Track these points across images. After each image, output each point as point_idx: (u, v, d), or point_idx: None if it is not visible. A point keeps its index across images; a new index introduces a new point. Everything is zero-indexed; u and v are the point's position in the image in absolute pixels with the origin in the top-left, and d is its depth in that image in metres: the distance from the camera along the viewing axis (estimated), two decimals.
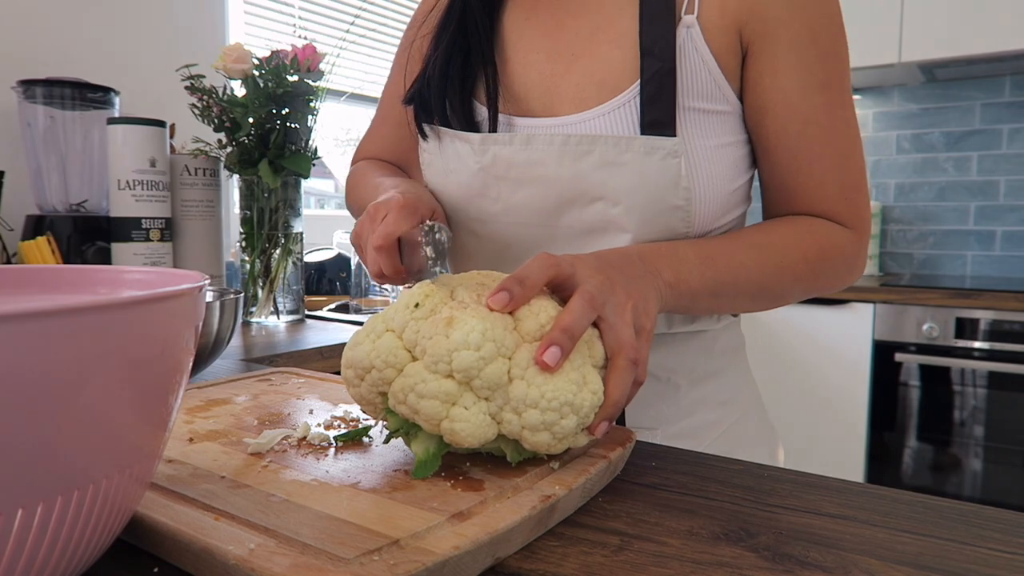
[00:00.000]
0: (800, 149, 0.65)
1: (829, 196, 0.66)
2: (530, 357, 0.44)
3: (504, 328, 0.45)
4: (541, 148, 0.65)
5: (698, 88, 0.64)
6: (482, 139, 0.67)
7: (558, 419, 0.43)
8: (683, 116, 0.63)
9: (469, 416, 0.43)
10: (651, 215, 0.63)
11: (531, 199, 0.66)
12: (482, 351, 0.43)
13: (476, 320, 0.43)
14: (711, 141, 0.64)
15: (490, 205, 0.68)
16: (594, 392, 0.45)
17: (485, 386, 0.43)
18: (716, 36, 0.63)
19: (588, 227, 0.66)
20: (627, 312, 0.50)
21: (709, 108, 0.64)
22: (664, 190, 0.62)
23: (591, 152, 0.63)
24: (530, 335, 0.46)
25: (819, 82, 0.64)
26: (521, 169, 0.66)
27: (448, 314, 0.44)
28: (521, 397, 0.43)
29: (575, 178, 0.64)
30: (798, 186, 0.67)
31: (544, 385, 0.43)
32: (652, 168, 0.62)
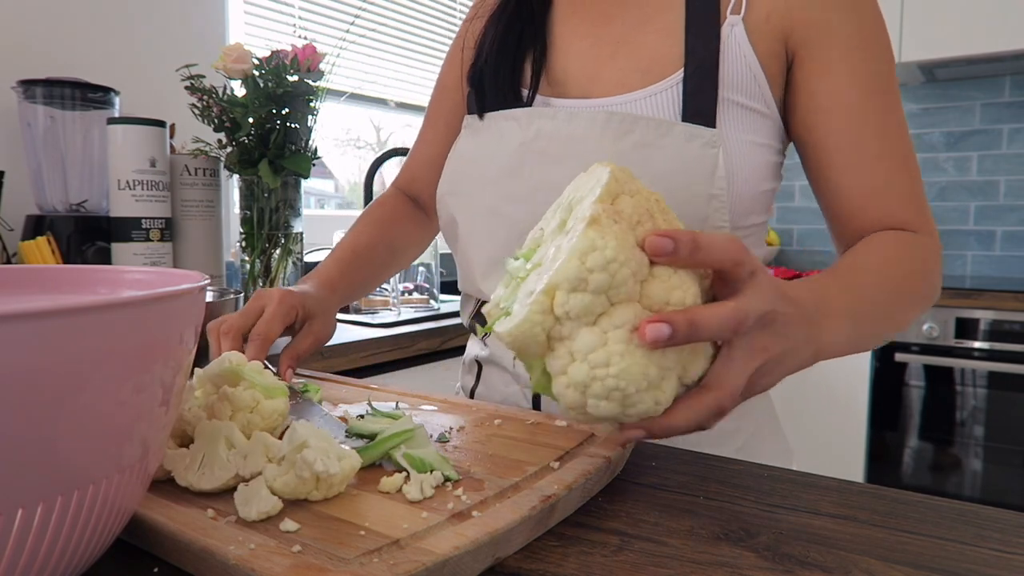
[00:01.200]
0: (863, 149, 0.64)
1: (900, 199, 0.65)
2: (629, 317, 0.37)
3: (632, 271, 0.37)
4: (583, 124, 0.66)
5: (739, 83, 0.65)
6: (529, 113, 0.69)
7: (601, 395, 0.37)
8: (723, 108, 0.64)
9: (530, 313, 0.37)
10: (686, 201, 0.63)
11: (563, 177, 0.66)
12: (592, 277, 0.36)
13: (612, 241, 0.37)
14: (748, 137, 0.65)
15: (522, 184, 0.69)
16: (657, 402, 0.39)
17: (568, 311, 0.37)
18: (760, 39, 0.65)
19: None
20: (756, 360, 0.43)
21: (748, 104, 0.65)
22: (701, 177, 0.63)
23: (632, 132, 0.63)
24: (649, 298, 0.38)
25: (873, 85, 0.65)
26: (561, 144, 0.66)
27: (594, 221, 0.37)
28: (586, 347, 0.37)
29: (613, 157, 0.63)
30: (865, 189, 0.65)
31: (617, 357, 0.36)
32: (691, 155, 0.62)
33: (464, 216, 0.75)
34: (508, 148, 0.70)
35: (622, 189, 0.41)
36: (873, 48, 0.65)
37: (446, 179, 0.76)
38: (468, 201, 0.74)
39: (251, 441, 0.44)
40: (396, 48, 2.19)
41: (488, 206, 0.72)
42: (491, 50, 0.74)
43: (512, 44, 0.74)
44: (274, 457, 0.43)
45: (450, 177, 0.76)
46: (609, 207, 0.39)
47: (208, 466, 0.42)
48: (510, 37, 0.74)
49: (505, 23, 0.75)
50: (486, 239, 0.73)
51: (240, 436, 0.44)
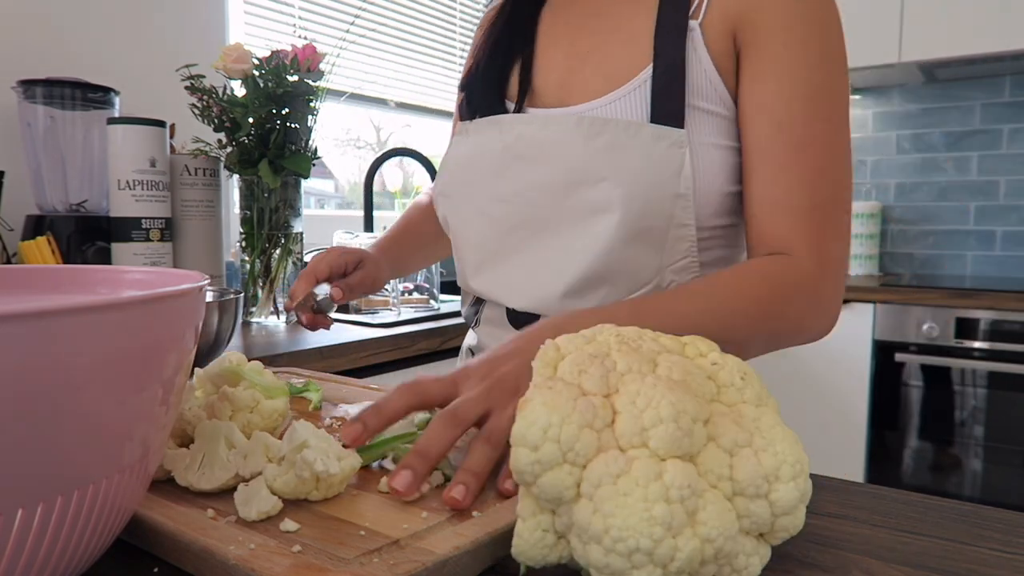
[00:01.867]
0: (771, 155, 0.64)
1: (795, 211, 0.63)
2: (607, 469, 0.32)
3: (581, 424, 0.33)
4: (557, 127, 0.68)
5: (699, 88, 0.66)
6: (511, 119, 0.73)
7: (627, 568, 0.31)
8: (688, 113, 0.65)
9: (523, 529, 0.35)
10: (652, 200, 0.64)
11: (542, 177, 0.69)
12: (540, 452, 0.33)
13: (543, 408, 0.34)
14: (711, 139, 0.66)
15: (506, 185, 0.72)
16: (706, 539, 0.31)
17: (545, 497, 0.33)
18: (716, 40, 0.65)
19: (590, 208, 0.66)
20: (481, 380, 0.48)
21: (709, 108, 0.66)
22: (667, 177, 0.64)
23: (602, 134, 0.66)
24: (624, 438, 0.33)
25: (801, 92, 0.63)
26: (538, 147, 0.69)
27: (529, 392, 0.35)
28: (584, 524, 0.32)
29: (584, 158, 0.66)
30: (765, 196, 0.65)
31: (613, 515, 0.31)
32: (658, 154, 0.64)
33: (454, 217, 0.78)
34: (493, 152, 0.73)
35: (561, 356, 0.39)
36: (811, 56, 0.64)
37: (439, 181, 0.80)
38: (458, 202, 0.77)
39: (251, 441, 0.44)
40: (396, 48, 2.19)
41: (476, 207, 0.75)
42: (481, 60, 0.78)
43: (500, 55, 0.77)
44: (274, 457, 0.43)
45: (443, 179, 0.79)
46: (543, 380, 0.36)
47: (208, 466, 0.42)
48: (499, 48, 0.77)
49: (495, 34, 0.79)
50: (474, 238, 0.76)
51: (240, 436, 0.44)
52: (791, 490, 0.33)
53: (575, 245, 0.68)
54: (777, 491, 0.33)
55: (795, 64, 0.64)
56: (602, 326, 0.41)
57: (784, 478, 0.33)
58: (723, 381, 0.37)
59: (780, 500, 0.33)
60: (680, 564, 0.31)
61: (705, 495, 0.32)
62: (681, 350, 0.39)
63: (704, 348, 0.40)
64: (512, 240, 0.72)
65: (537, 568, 0.35)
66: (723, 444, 0.34)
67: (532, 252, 0.71)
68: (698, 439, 0.33)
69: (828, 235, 0.64)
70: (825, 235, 0.64)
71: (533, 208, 0.70)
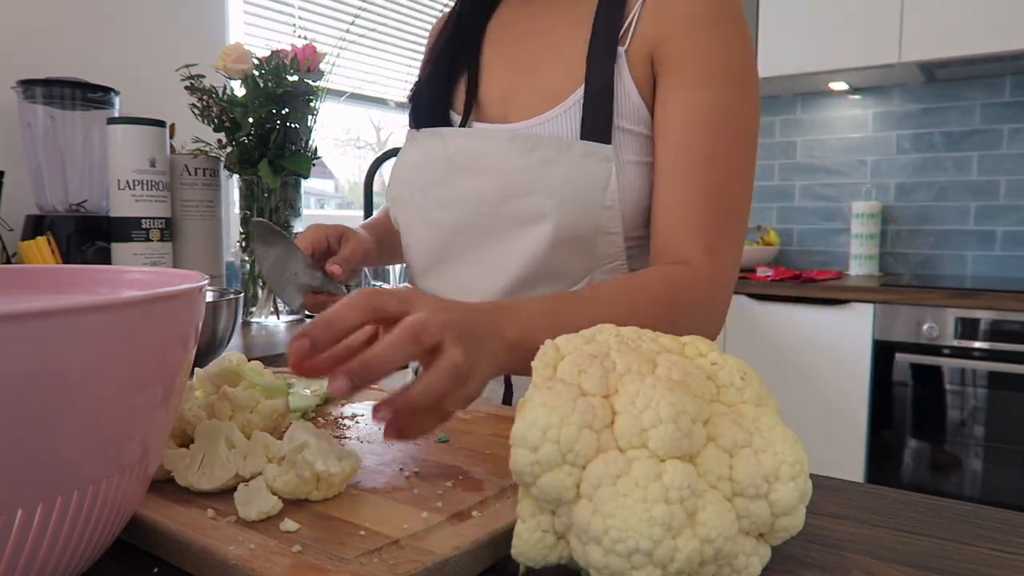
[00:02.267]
0: (675, 174, 0.68)
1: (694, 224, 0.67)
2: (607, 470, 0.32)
3: (581, 425, 0.33)
4: (494, 143, 0.73)
5: (625, 110, 0.71)
6: (453, 132, 0.77)
7: (626, 568, 0.31)
8: (615, 132, 0.70)
9: (522, 530, 0.35)
10: (582, 211, 0.69)
11: (480, 188, 0.73)
12: (539, 453, 0.33)
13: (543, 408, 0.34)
14: (635, 157, 0.71)
15: (448, 192, 0.76)
16: (705, 540, 0.31)
17: (544, 498, 0.33)
18: (637, 65, 0.71)
19: (524, 218, 0.71)
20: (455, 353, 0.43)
21: (632, 129, 0.71)
22: (595, 190, 0.69)
23: (535, 150, 0.71)
24: (624, 439, 0.33)
25: (704, 118, 0.68)
26: (477, 160, 0.74)
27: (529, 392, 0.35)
28: (583, 525, 0.32)
29: (519, 171, 0.71)
30: (667, 210, 0.69)
31: (612, 516, 0.31)
32: (587, 169, 0.69)
33: (402, 220, 0.82)
34: (436, 162, 0.77)
35: (560, 356, 0.38)
36: (716, 81, 0.68)
37: (391, 185, 0.84)
38: (405, 206, 0.81)
39: (251, 441, 0.44)
40: (396, 48, 2.19)
41: (420, 213, 0.79)
42: (429, 74, 0.83)
43: (445, 68, 0.81)
44: (274, 457, 0.43)
45: (393, 185, 0.83)
46: (542, 380, 0.36)
47: (208, 466, 0.42)
48: (443, 61, 0.82)
49: (441, 47, 0.83)
50: (419, 242, 0.80)
51: (240, 436, 0.44)
52: (791, 490, 0.33)
53: (511, 250, 0.72)
54: (777, 491, 0.33)
55: (701, 92, 0.68)
56: (602, 326, 0.41)
57: (784, 478, 0.33)
58: (723, 381, 0.37)
59: (780, 500, 0.33)
60: (680, 565, 0.31)
61: (705, 495, 0.32)
62: (681, 350, 0.39)
63: (704, 348, 0.40)
64: (455, 244, 0.76)
65: (537, 568, 0.35)
66: (723, 444, 0.34)
67: (473, 256, 0.76)
68: (698, 439, 0.33)
69: (722, 247, 0.68)
70: (719, 247, 0.68)
71: (473, 216, 0.74)
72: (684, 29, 0.69)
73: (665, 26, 0.69)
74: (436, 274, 0.79)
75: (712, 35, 0.69)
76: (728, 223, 0.69)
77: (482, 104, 0.79)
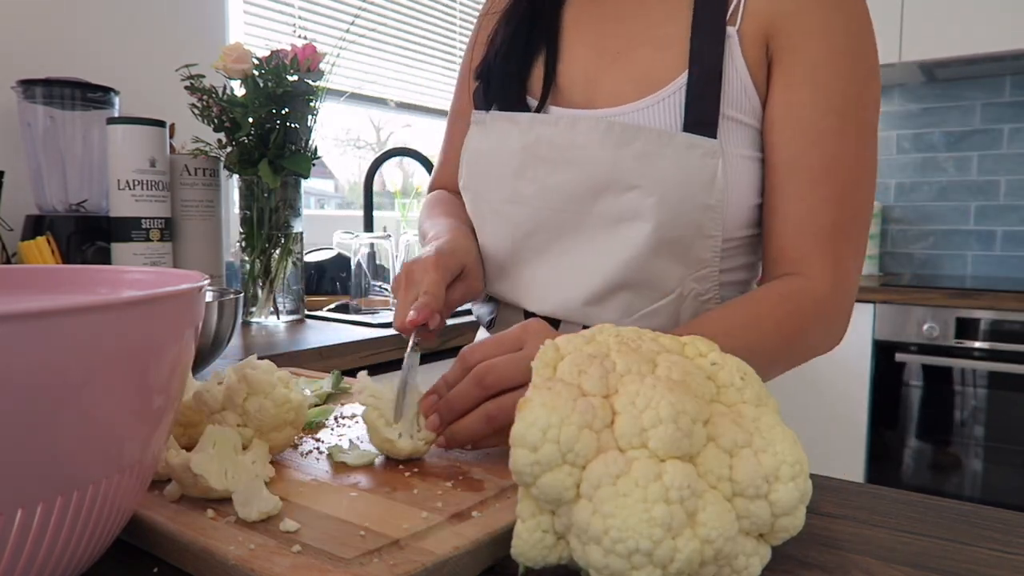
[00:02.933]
0: (800, 170, 0.63)
1: (817, 232, 0.63)
2: (607, 470, 0.32)
3: (581, 425, 0.33)
4: (585, 132, 0.66)
5: (734, 98, 0.64)
6: (530, 119, 0.69)
7: (626, 568, 0.31)
8: (721, 123, 0.64)
9: (522, 530, 0.35)
10: (683, 210, 0.63)
11: (567, 182, 0.67)
12: (539, 453, 0.33)
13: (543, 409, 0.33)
14: (742, 151, 0.65)
15: (526, 186, 0.69)
16: (705, 540, 0.31)
17: (544, 498, 0.33)
18: (751, 47, 0.64)
19: (617, 216, 0.65)
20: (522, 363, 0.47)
21: (741, 119, 0.65)
22: (700, 188, 0.63)
23: (634, 141, 0.64)
24: (624, 439, 0.33)
25: (833, 106, 0.62)
26: (562, 151, 0.67)
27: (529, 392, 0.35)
28: (583, 525, 0.32)
29: (614, 164, 0.64)
30: (789, 214, 0.64)
31: (612, 516, 0.31)
32: (691, 164, 0.63)
33: (475, 214, 0.76)
34: (510, 150, 0.70)
35: (560, 356, 0.39)
36: (845, 65, 0.62)
37: (462, 174, 0.77)
38: (477, 198, 0.75)
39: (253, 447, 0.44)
40: (396, 48, 2.19)
41: (493, 207, 0.73)
42: (500, 50, 0.75)
43: (520, 45, 0.74)
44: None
45: (464, 172, 0.76)
46: (542, 381, 0.36)
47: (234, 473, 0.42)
48: (519, 38, 0.74)
49: (516, 23, 0.75)
50: (491, 238, 0.74)
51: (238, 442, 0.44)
52: (791, 490, 0.33)
53: (601, 252, 0.66)
54: (777, 491, 0.33)
55: (829, 74, 0.62)
56: (602, 326, 0.41)
57: (784, 478, 0.33)
58: (723, 381, 0.37)
59: (780, 500, 0.33)
60: (680, 565, 0.31)
61: (705, 496, 0.32)
62: (680, 350, 0.39)
63: (704, 348, 0.40)
64: (532, 243, 0.70)
65: (537, 568, 0.35)
66: (723, 444, 0.34)
67: (554, 257, 0.69)
68: (698, 439, 0.33)
69: (847, 255, 0.64)
70: (844, 255, 0.63)
71: (554, 212, 0.68)
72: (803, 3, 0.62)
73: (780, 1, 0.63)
74: (508, 278, 0.73)
75: (834, 8, 0.62)
76: (854, 228, 0.63)
77: (561, 88, 0.72)
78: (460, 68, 0.88)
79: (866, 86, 0.63)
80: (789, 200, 0.64)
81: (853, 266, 0.64)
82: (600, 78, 0.70)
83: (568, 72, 0.72)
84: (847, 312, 0.66)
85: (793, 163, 0.63)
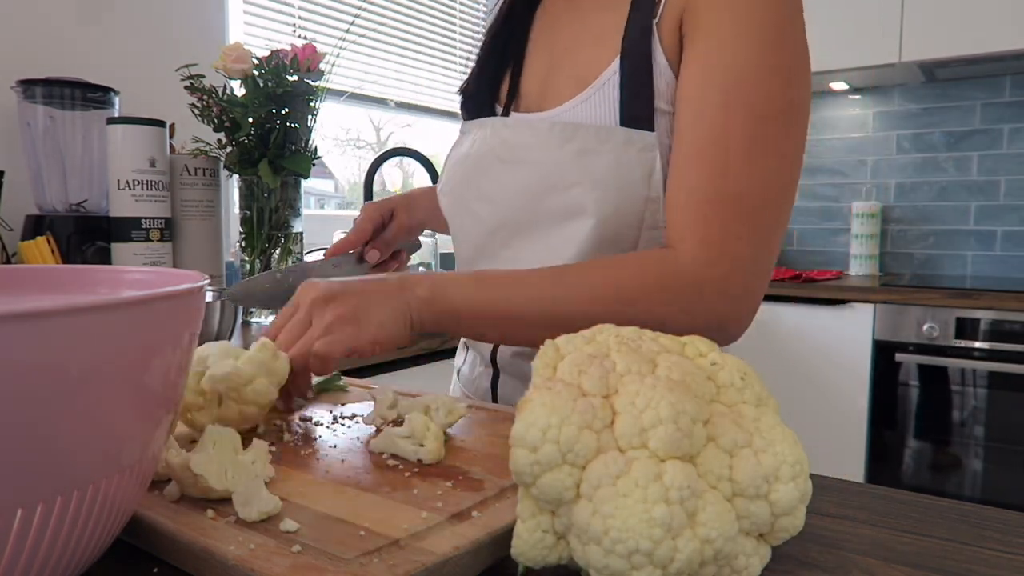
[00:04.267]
0: (684, 144, 0.62)
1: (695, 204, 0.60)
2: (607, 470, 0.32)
3: (581, 425, 0.33)
4: (532, 133, 0.70)
5: (663, 90, 0.64)
6: (494, 122, 0.75)
7: (626, 569, 0.31)
8: (656, 117, 0.65)
9: (522, 530, 0.35)
10: (624, 204, 0.65)
11: (519, 181, 0.70)
12: (539, 453, 0.33)
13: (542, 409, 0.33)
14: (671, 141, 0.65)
15: (491, 186, 0.74)
16: (705, 540, 0.31)
17: (544, 498, 0.33)
18: (668, 34, 0.64)
19: (563, 212, 0.67)
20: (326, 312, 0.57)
21: (669, 110, 0.65)
22: (639, 181, 0.65)
23: (573, 139, 0.66)
24: (624, 439, 0.33)
25: (723, 82, 0.60)
26: (515, 151, 0.71)
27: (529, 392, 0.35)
28: (583, 525, 0.32)
29: (557, 163, 0.67)
30: (672, 185, 0.63)
31: (612, 516, 0.31)
32: (630, 159, 0.64)
33: (448, 214, 0.81)
34: (480, 154, 0.75)
35: (560, 356, 0.38)
36: (750, 45, 0.60)
37: (441, 179, 0.82)
38: (453, 199, 0.79)
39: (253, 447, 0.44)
40: (396, 48, 2.19)
41: (465, 205, 0.77)
42: (477, 66, 0.81)
43: (494, 61, 0.79)
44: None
45: (444, 177, 0.82)
46: (542, 381, 0.36)
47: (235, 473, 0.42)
48: (493, 55, 0.80)
49: (491, 40, 0.81)
50: (464, 235, 0.78)
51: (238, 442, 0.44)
52: (791, 490, 0.33)
53: (550, 248, 0.69)
54: (777, 491, 0.33)
55: (726, 53, 0.60)
56: (602, 326, 0.41)
57: (784, 478, 0.33)
58: (723, 381, 0.37)
59: (780, 500, 0.33)
60: (680, 565, 0.31)
61: (705, 496, 0.32)
62: (681, 350, 0.39)
63: (704, 348, 0.40)
64: (496, 239, 0.74)
65: (537, 569, 0.35)
66: (723, 444, 0.34)
67: (513, 251, 0.73)
68: (698, 440, 0.33)
69: (735, 233, 0.60)
70: (729, 232, 0.60)
71: (512, 210, 0.72)
72: None
73: None
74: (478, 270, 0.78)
75: None
76: (745, 204, 0.59)
77: (522, 95, 0.76)
78: None
79: (768, 68, 0.60)
80: (674, 174, 0.63)
81: (746, 246, 0.60)
82: (549, 82, 0.74)
83: (528, 80, 0.77)
84: (724, 293, 0.60)
85: (680, 137, 0.62)
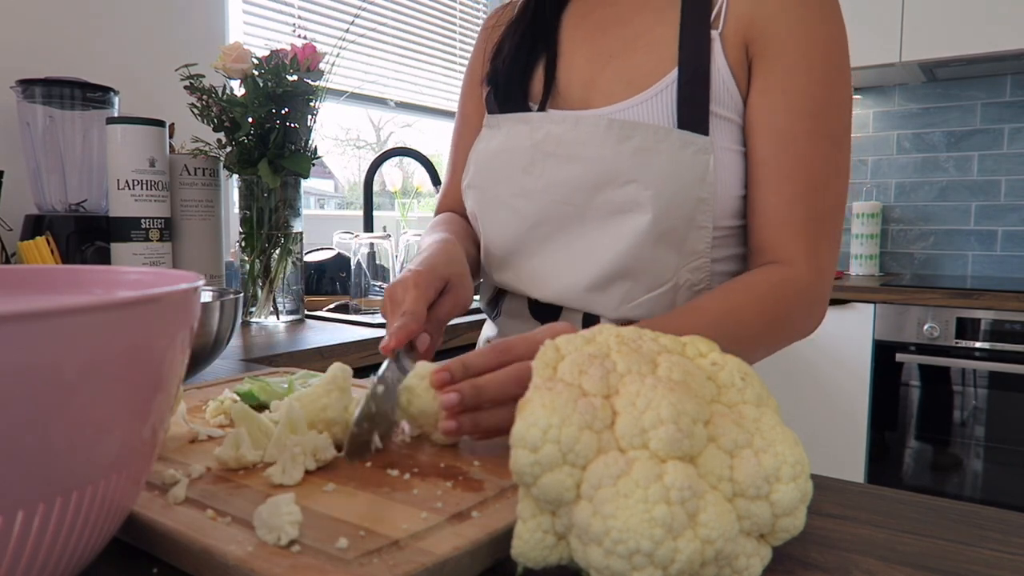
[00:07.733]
0: (776, 167, 0.68)
1: (795, 223, 0.67)
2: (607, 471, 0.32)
3: (581, 425, 0.33)
4: (587, 129, 0.70)
5: (719, 95, 0.69)
6: (540, 118, 0.75)
7: (627, 569, 0.31)
8: (711, 121, 0.68)
9: (522, 530, 0.35)
10: (677, 203, 0.67)
11: (571, 177, 0.71)
12: (540, 453, 0.33)
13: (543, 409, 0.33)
14: (728, 145, 0.70)
15: (533, 181, 0.73)
16: (706, 541, 0.31)
17: (544, 498, 0.33)
18: (732, 50, 0.69)
19: (617, 207, 0.69)
20: None
21: (726, 115, 0.69)
22: (692, 182, 0.67)
23: (632, 137, 0.68)
24: (624, 440, 0.33)
25: (807, 109, 0.67)
26: (567, 147, 0.71)
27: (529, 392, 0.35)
28: (584, 525, 0.32)
29: (614, 159, 0.68)
30: (768, 207, 0.68)
31: (613, 517, 0.31)
32: (685, 160, 0.67)
33: (480, 210, 0.79)
34: (521, 148, 0.74)
35: (561, 356, 0.38)
36: (816, 72, 0.67)
37: (468, 173, 0.81)
38: (485, 195, 0.78)
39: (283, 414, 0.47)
40: (396, 48, 2.19)
41: (502, 201, 0.76)
42: (507, 58, 0.81)
43: (524, 54, 0.79)
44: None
45: (471, 171, 0.80)
46: (543, 381, 0.36)
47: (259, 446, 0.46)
48: (523, 48, 0.80)
49: (520, 34, 0.81)
50: (499, 231, 0.77)
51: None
52: (792, 491, 0.33)
53: (602, 242, 0.70)
54: (778, 492, 0.33)
55: (801, 79, 0.67)
56: (602, 326, 0.41)
57: (784, 479, 0.33)
58: (723, 382, 0.37)
59: (781, 501, 0.33)
60: (680, 566, 0.30)
61: (705, 496, 0.32)
62: (681, 350, 0.39)
63: (704, 348, 0.40)
64: (537, 234, 0.74)
65: (537, 569, 0.35)
66: (723, 445, 0.34)
67: (557, 247, 0.73)
68: (698, 440, 0.33)
69: (823, 245, 0.69)
70: (821, 245, 0.68)
71: (560, 205, 0.72)
72: (780, 8, 0.67)
73: (759, 6, 0.67)
74: (513, 267, 0.77)
75: (809, 15, 0.67)
76: (828, 220, 0.68)
77: (560, 91, 0.77)
78: (462, 85, 0.93)
79: (836, 89, 0.68)
80: (767, 195, 0.69)
81: (828, 256, 0.69)
82: (596, 80, 0.74)
83: (566, 76, 0.77)
84: (825, 297, 0.71)
85: (768, 162, 0.68)
